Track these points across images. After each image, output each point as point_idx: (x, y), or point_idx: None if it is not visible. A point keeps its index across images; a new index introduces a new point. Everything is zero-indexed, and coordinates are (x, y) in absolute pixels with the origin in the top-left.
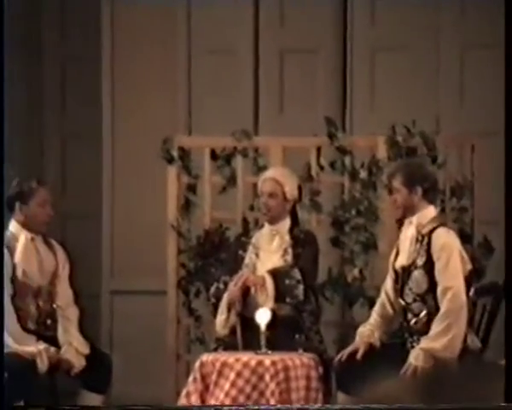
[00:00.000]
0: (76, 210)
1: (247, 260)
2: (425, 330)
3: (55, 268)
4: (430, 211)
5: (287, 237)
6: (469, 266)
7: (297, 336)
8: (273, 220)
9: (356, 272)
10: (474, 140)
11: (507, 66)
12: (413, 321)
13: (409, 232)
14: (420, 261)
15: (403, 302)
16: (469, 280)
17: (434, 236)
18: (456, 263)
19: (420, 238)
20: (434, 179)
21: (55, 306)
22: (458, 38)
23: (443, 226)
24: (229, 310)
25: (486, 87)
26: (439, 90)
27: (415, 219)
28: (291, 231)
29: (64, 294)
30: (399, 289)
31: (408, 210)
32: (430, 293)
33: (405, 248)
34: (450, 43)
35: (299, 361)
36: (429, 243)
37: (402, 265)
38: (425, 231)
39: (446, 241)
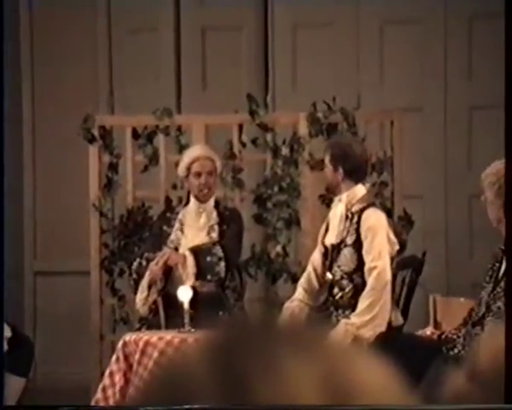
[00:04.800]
0: None
1: (172, 237)
2: (351, 303)
3: None
4: (359, 190)
5: (214, 215)
6: (397, 247)
7: (221, 313)
8: (207, 199)
9: (279, 248)
10: (393, 116)
11: (507, 61)
12: (339, 295)
13: (338, 210)
14: (349, 240)
15: (330, 277)
16: (402, 264)
17: (364, 216)
18: (381, 243)
19: (350, 216)
20: (361, 160)
21: None
22: (378, 14)
23: (373, 207)
24: (149, 288)
25: (406, 63)
26: (359, 66)
27: (344, 196)
28: (216, 207)
29: None
30: (328, 265)
31: (334, 187)
32: (358, 271)
33: (335, 226)
34: (370, 19)
35: None
36: (359, 223)
37: (331, 242)
38: (354, 209)
39: (374, 222)
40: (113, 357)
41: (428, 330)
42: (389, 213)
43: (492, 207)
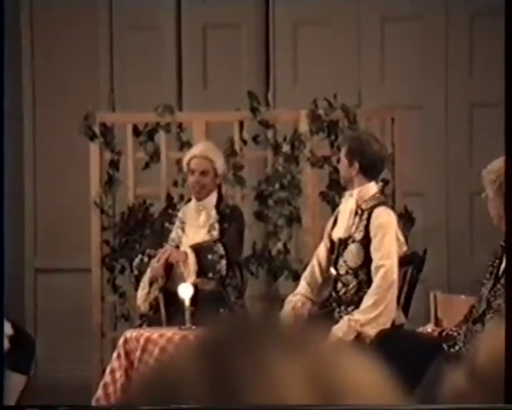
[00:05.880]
0: None
1: (173, 235)
2: (354, 300)
3: None
4: (371, 187)
5: (213, 213)
6: (405, 247)
7: (222, 310)
8: (202, 197)
9: (280, 245)
10: (394, 113)
11: (507, 62)
12: (342, 291)
13: (348, 205)
14: (358, 236)
15: (334, 272)
16: (403, 261)
17: (374, 214)
18: (391, 242)
19: (359, 212)
20: (377, 158)
21: None
22: (378, 12)
23: (384, 205)
24: (150, 285)
25: (407, 61)
26: (360, 63)
27: (355, 192)
28: (217, 206)
29: None
30: (334, 260)
31: (347, 182)
32: (364, 268)
33: (343, 220)
34: (370, 16)
35: None
36: (369, 220)
37: (339, 236)
38: (365, 206)
39: (384, 220)
40: (114, 354)
41: (429, 328)
42: None
43: (493, 204)
